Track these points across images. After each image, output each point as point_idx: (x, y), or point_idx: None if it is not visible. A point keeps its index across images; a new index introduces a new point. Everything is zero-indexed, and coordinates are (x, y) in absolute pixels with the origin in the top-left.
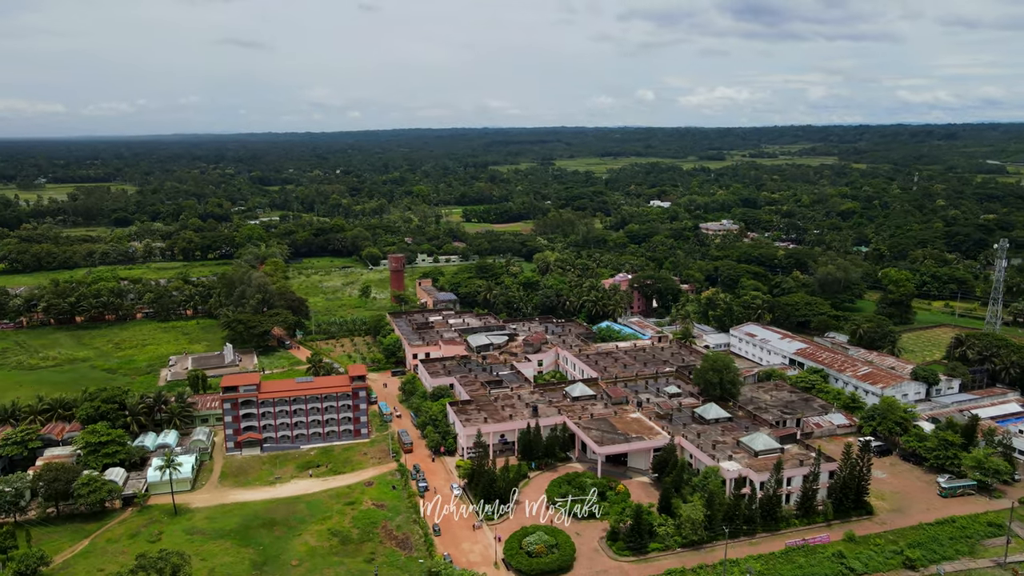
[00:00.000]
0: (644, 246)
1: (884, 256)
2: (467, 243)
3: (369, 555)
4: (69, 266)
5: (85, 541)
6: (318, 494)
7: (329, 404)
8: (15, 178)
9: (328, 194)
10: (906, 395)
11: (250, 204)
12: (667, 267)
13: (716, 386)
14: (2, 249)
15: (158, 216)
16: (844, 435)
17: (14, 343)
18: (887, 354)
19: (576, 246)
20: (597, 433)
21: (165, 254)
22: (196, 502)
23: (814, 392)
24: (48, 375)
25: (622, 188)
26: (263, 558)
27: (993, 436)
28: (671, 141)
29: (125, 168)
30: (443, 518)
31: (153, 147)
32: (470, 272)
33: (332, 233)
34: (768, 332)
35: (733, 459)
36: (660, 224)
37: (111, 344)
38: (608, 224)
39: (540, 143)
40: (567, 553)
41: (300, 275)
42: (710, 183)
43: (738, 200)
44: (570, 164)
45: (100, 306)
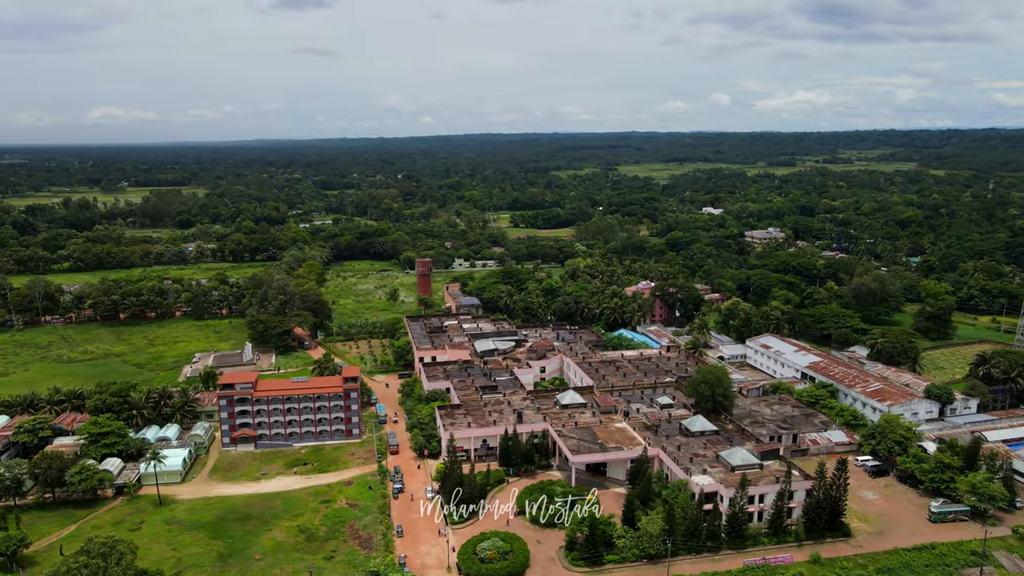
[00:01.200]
0: (682, 254)
1: (934, 267)
2: (506, 248)
3: (330, 552)
4: (127, 266)
5: (72, 526)
6: (297, 491)
7: (321, 404)
8: (100, 182)
9: (381, 198)
10: (916, 414)
11: (307, 208)
12: (700, 275)
13: (708, 399)
14: (68, 249)
15: (218, 218)
16: (843, 453)
17: (60, 337)
18: (907, 370)
19: (614, 252)
20: (574, 442)
21: (216, 255)
22: (182, 494)
23: (818, 407)
24: (83, 368)
25: (677, 194)
26: (229, 551)
27: (994, 460)
28: (743, 146)
29: (201, 172)
30: (410, 520)
31: (234, 152)
32: (497, 277)
33: (375, 237)
34: (784, 344)
35: (708, 473)
36: (704, 232)
37: (146, 340)
38: (654, 231)
39: (608, 148)
40: (519, 560)
41: (337, 277)
42: (771, 189)
43: (794, 207)
44: (633, 170)
45: (141, 304)
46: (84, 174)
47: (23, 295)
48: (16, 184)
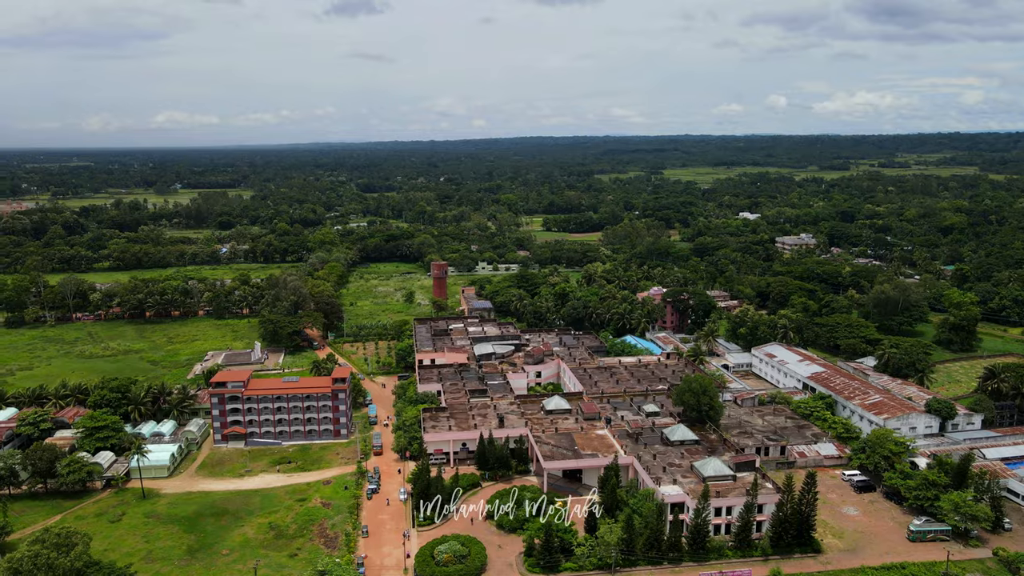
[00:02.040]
0: (706, 259)
1: (967, 276)
2: (530, 252)
3: (295, 550)
4: (163, 265)
5: (58, 516)
6: (276, 489)
7: (310, 404)
8: (155, 184)
9: (416, 201)
10: (914, 428)
11: (344, 210)
12: (720, 282)
13: (693, 407)
14: (109, 249)
15: (257, 220)
16: (832, 467)
17: (87, 334)
18: (913, 383)
19: (639, 257)
20: (549, 448)
21: (247, 256)
22: (167, 488)
23: (812, 419)
24: (101, 364)
25: (716, 199)
26: (199, 545)
27: (983, 478)
28: (796, 150)
29: (251, 175)
30: (379, 521)
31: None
32: (512, 281)
33: (402, 239)
34: (789, 353)
35: (679, 483)
36: (734, 237)
37: (165, 338)
38: (684, 235)
39: (657, 152)
40: (475, 564)
41: (361, 279)
42: (816, 195)
43: (834, 213)
44: (679, 173)
45: (165, 303)
46: (141, 176)
47: (56, 292)
48: (77, 186)
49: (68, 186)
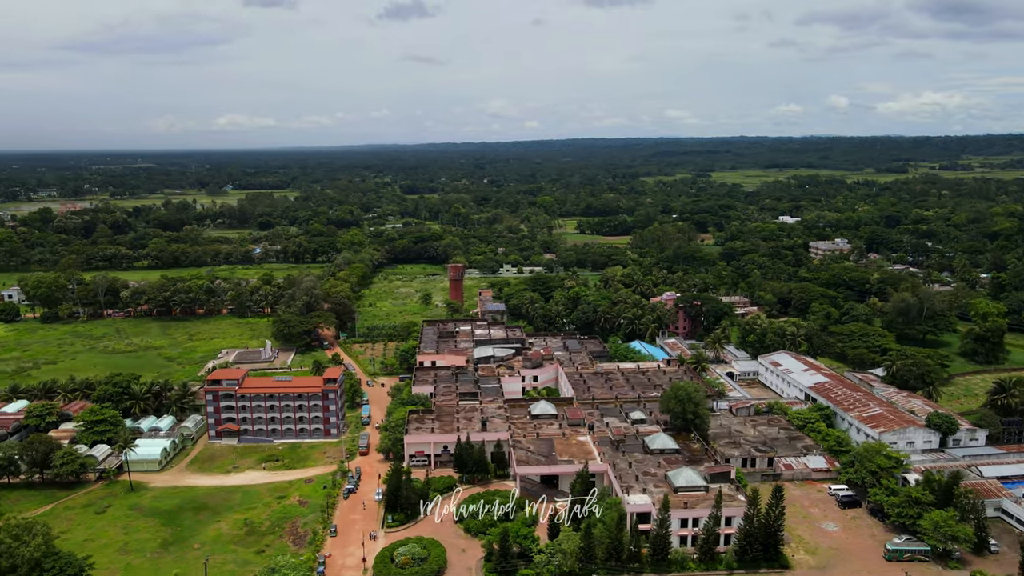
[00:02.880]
0: (732, 264)
1: (1004, 285)
2: (556, 255)
3: (263, 547)
4: (199, 264)
5: (49, 506)
6: (259, 485)
7: (301, 403)
8: (208, 185)
9: (452, 203)
10: (911, 443)
11: (382, 211)
12: (742, 287)
13: (678, 415)
14: (148, 248)
15: (296, 221)
16: (820, 480)
17: (114, 330)
18: (920, 396)
19: (667, 261)
20: (524, 453)
21: (279, 256)
22: (156, 482)
23: (806, 431)
24: (122, 359)
25: (759, 202)
26: (174, 538)
27: (968, 497)
28: (854, 151)
29: (300, 176)
30: (350, 521)
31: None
32: (527, 284)
33: (430, 241)
34: (795, 362)
35: (648, 492)
36: (766, 241)
37: (187, 335)
38: (718, 239)
39: (708, 154)
40: (433, 567)
41: (385, 280)
42: (866, 198)
43: (879, 217)
44: (727, 176)
45: (190, 301)
46: (196, 178)
47: (88, 290)
48: (135, 187)
49: (127, 187)
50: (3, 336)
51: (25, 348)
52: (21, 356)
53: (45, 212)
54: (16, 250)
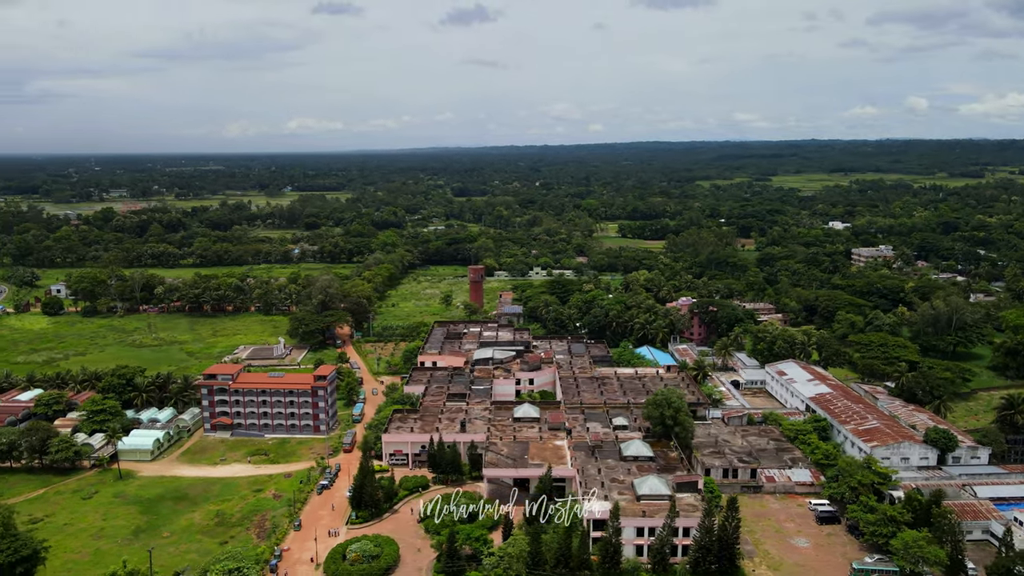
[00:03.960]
0: (765, 270)
1: None
2: (588, 258)
3: (228, 538)
4: (240, 263)
5: (42, 490)
6: (240, 478)
7: (292, 399)
8: (267, 187)
9: (496, 205)
10: (906, 459)
11: (426, 213)
12: (769, 294)
13: (658, 422)
14: (193, 247)
15: (341, 222)
16: (803, 494)
17: (146, 324)
18: (927, 411)
19: (699, 266)
20: (493, 456)
21: (316, 256)
22: (145, 471)
23: (796, 442)
24: (146, 353)
25: (812, 207)
26: (148, 526)
27: (945, 518)
28: (930, 155)
29: (357, 178)
30: (317, 516)
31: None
32: (545, 287)
33: (464, 243)
34: (801, 372)
35: (610, 499)
36: (807, 248)
37: (212, 331)
38: (760, 244)
39: (774, 157)
40: (382, 565)
41: (413, 281)
42: (931, 203)
43: (936, 223)
44: (788, 180)
45: (219, 298)
46: (258, 179)
47: (125, 285)
48: (200, 188)
49: (192, 188)
50: (44, 328)
51: (61, 340)
52: (55, 347)
53: (107, 211)
54: (73, 247)
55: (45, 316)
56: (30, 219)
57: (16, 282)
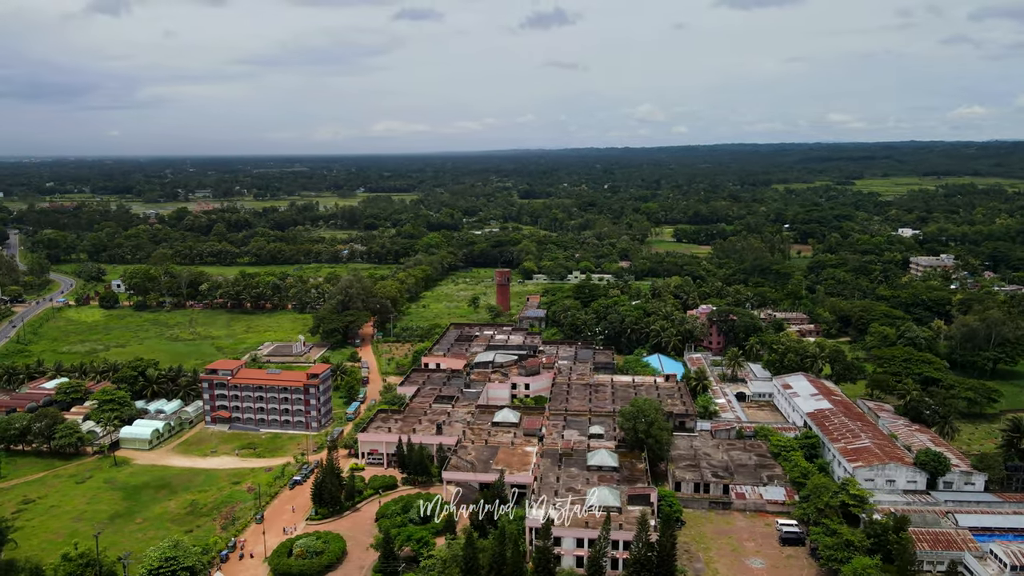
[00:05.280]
0: (810, 277)
1: None
2: (631, 263)
3: (194, 527)
4: (292, 262)
5: (43, 473)
6: (223, 470)
7: (286, 396)
8: (342, 188)
9: (553, 208)
10: (892, 481)
11: (483, 215)
12: (805, 303)
13: (631, 432)
14: (250, 246)
15: (398, 223)
16: (774, 512)
17: (188, 319)
18: (930, 431)
19: (743, 272)
20: (456, 459)
21: (364, 257)
22: (140, 460)
23: (779, 459)
24: (180, 346)
25: (885, 212)
26: (125, 512)
27: (902, 546)
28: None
29: (429, 180)
30: (282, 511)
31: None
32: (569, 292)
33: (507, 245)
34: (806, 386)
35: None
36: (865, 255)
37: (245, 327)
38: (817, 251)
39: (865, 160)
40: (323, 562)
41: (451, 282)
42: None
43: (1018, 231)
44: (873, 184)
45: (257, 296)
46: (333, 181)
47: (173, 282)
48: (278, 189)
49: (270, 189)
50: (97, 320)
51: (109, 332)
52: (101, 338)
53: (181, 211)
54: (141, 244)
55: (101, 309)
56: (113, 218)
57: (85, 276)
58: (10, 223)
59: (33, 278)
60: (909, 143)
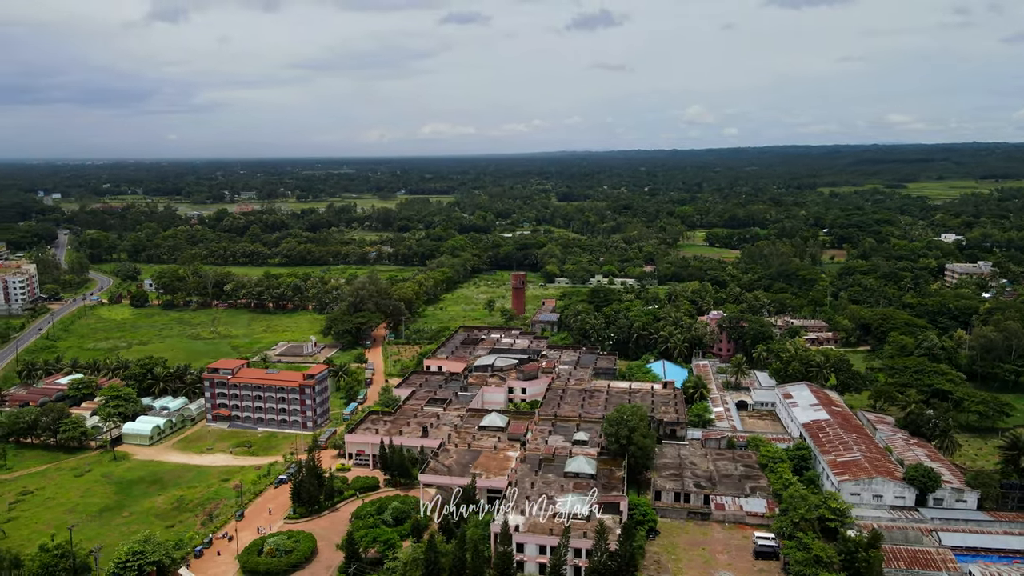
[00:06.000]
0: (837, 283)
1: None
2: (655, 267)
3: (175, 522)
4: (322, 263)
5: (46, 465)
6: (215, 467)
7: (282, 396)
8: (382, 189)
9: (585, 211)
10: (879, 496)
11: (515, 218)
12: (826, 311)
13: (614, 440)
14: (281, 247)
15: (430, 225)
16: (754, 525)
17: (211, 318)
18: (929, 446)
19: (768, 278)
20: (435, 463)
21: (391, 258)
22: (139, 455)
23: (766, 471)
24: (199, 345)
25: (930, 217)
26: (115, 505)
27: (869, 563)
28: None
29: (469, 182)
30: (263, 509)
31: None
32: (583, 296)
33: (533, 248)
34: (808, 396)
35: (525, 515)
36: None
37: (264, 327)
38: (851, 256)
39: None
40: (290, 560)
41: (473, 285)
42: None
43: None
44: (926, 187)
45: (279, 297)
46: (375, 183)
47: (199, 282)
48: (320, 190)
49: (313, 191)
50: (126, 318)
51: (134, 330)
52: (125, 336)
53: (221, 212)
54: (178, 245)
55: (131, 308)
56: (156, 219)
57: (121, 276)
58: (61, 223)
59: (72, 277)
60: (971, 144)
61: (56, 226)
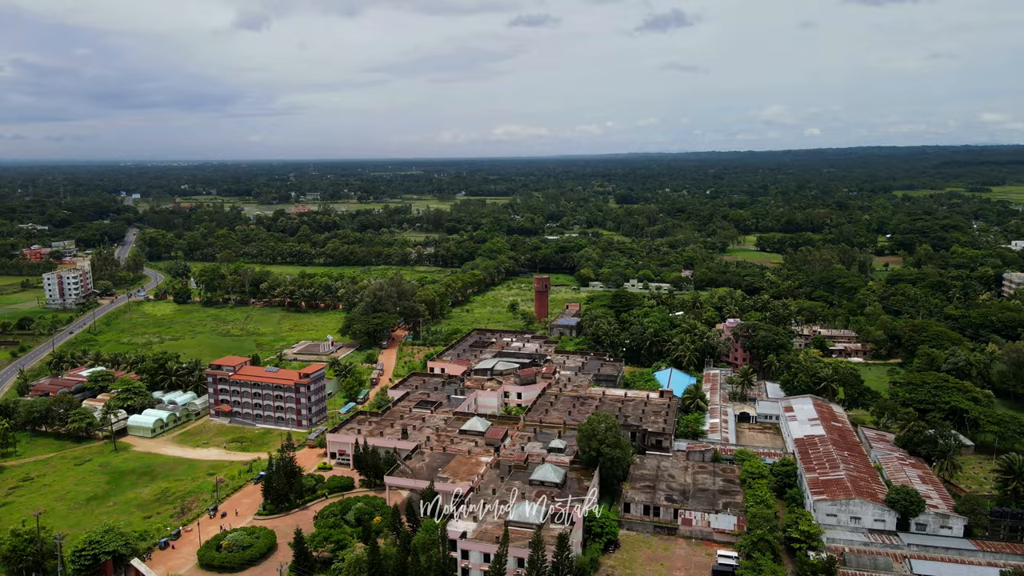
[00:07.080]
0: (878, 292)
1: None
2: (693, 271)
3: (153, 513)
4: (364, 263)
5: (52, 453)
6: (205, 461)
7: (279, 394)
8: (443, 191)
9: (634, 213)
10: (858, 519)
11: (565, 221)
12: (860, 320)
13: (585, 449)
14: (326, 247)
15: (479, 226)
16: (721, 542)
17: (244, 316)
18: (927, 467)
19: (809, 285)
20: (403, 466)
21: (430, 260)
22: (139, 447)
23: (744, 486)
24: (226, 341)
25: (1005, 223)
26: (104, 495)
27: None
28: None
29: (530, 183)
30: (240, 504)
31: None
32: (605, 301)
33: (571, 251)
34: (809, 409)
35: (478, 521)
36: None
37: (292, 325)
38: (908, 263)
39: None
40: (246, 556)
41: (505, 287)
42: None
43: None
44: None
45: (310, 296)
46: (437, 185)
47: (237, 280)
48: (382, 192)
49: (375, 192)
50: (166, 314)
51: (171, 325)
52: (161, 331)
53: (278, 213)
54: (230, 244)
55: (174, 304)
56: (217, 219)
57: (173, 273)
58: (132, 223)
59: (127, 273)
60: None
61: (128, 225)
